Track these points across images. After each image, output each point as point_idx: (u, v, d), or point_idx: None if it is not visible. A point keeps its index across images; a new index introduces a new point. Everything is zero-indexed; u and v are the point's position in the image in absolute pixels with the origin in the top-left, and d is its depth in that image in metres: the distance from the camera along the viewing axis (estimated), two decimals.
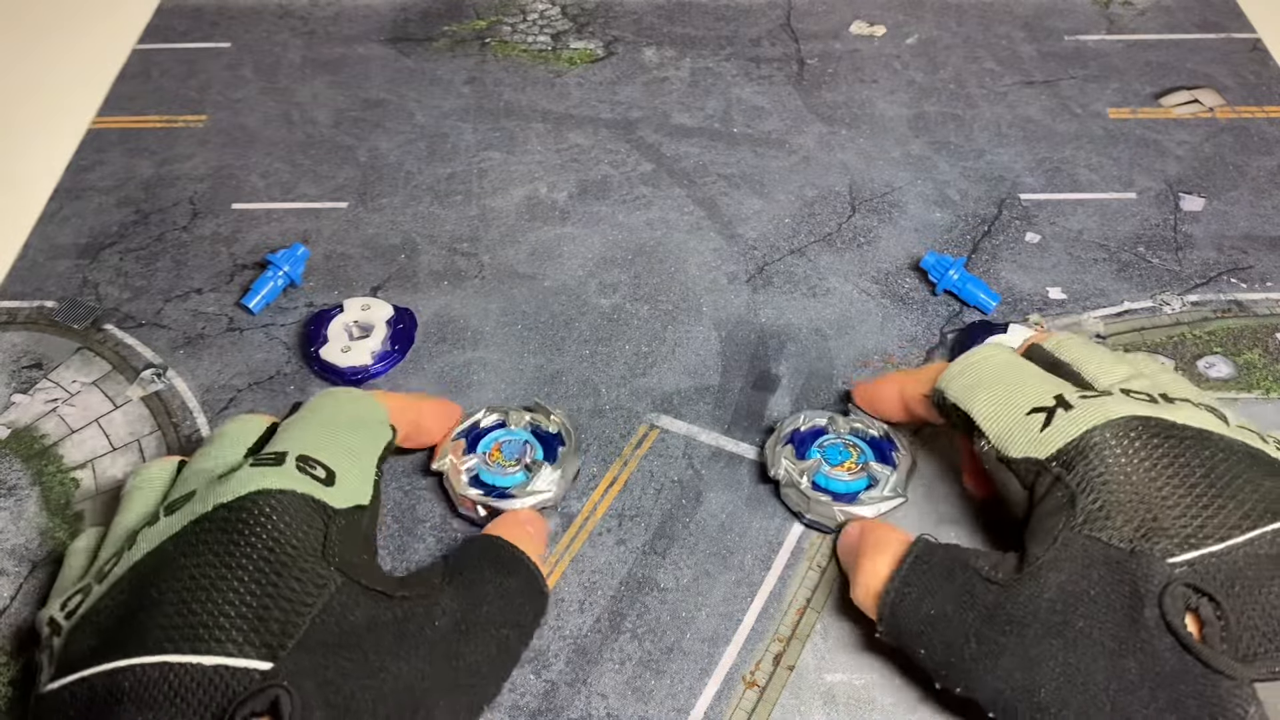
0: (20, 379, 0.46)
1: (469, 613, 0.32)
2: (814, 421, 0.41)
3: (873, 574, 0.33)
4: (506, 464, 0.40)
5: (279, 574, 0.29)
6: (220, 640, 0.27)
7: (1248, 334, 0.46)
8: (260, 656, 0.27)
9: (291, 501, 0.30)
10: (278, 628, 0.28)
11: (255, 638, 0.27)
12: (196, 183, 0.55)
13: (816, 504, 0.39)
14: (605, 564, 0.39)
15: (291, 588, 0.29)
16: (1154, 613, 0.28)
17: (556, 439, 0.41)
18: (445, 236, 0.52)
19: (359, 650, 0.28)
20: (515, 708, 0.35)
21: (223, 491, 0.31)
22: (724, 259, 0.50)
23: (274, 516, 0.30)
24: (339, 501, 0.32)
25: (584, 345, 0.47)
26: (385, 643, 0.29)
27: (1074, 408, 0.32)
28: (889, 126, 0.58)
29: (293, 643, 0.28)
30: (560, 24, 0.66)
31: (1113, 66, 0.61)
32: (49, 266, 0.51)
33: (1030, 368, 0.36)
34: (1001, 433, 0.33)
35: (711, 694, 0.35)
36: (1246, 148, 0.56)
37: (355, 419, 0.36)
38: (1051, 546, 0.30)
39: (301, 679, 0.27)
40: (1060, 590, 0.29)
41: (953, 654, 0.31)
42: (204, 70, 0.62)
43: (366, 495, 0.33)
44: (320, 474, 0.32)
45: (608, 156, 0.56)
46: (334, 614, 0.29)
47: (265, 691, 0.26)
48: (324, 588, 0.29)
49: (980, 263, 0.50)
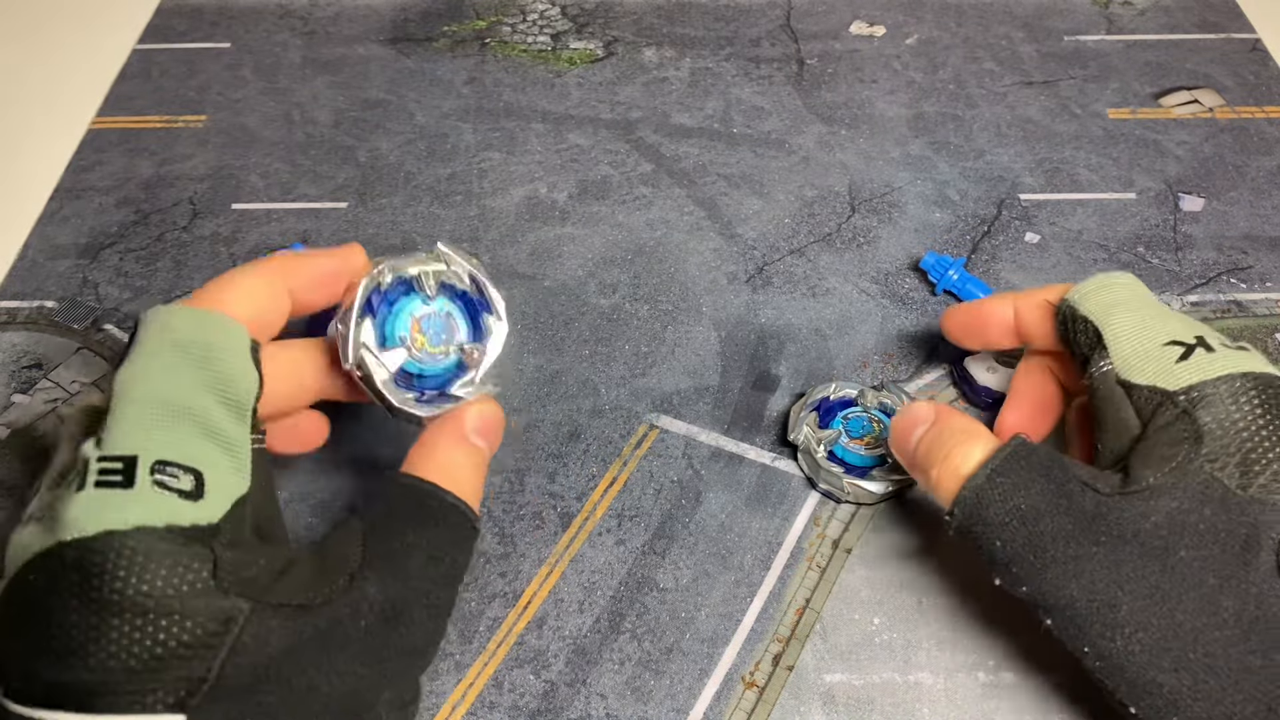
0: (20, 379, 0.46)
1: (395, 598, 0.28)
2: (845, 391, 0.42)
3: (965, 457, 0.32)
4: (436, 349, 0.33)
5: (166, 619, 0.25)
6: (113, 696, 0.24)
7: (1248, 334, 0.46)
8: (168, 709, 0.24)
9: (152, 543, 0.25)
10: (182, 678, 0.24)
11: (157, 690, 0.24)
12: (196, 183, 0.55)
13: (827, 474, 0.40)
14: (605, 564, 0.39)
15: (188, 631, 0.25)
16: (1269, 559, 0.28)
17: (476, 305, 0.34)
18: (445, 236, 0.52)
19: (281, 680, 0.25)
20: (515, 708, 0.35)
21: (65, 521, 0.25)
22: (724, 259, 0.50)
23: (136, 560, 0.25)
24: (216, 512, 0.27)
25: (584, 345, 0.47)
26: (310, 662, 0.26)
27: (1215, 351, 0.32)
28: (889, 126, 0.58)
29: (203, 691, 0.24)
30: (560, 24, 0.66)
31: (1112, 66, 0.61)
32: (49, 266, 0.51)
33: (1166, 308, 0.35)
34: (1132, 355, 0.32)
35: (711, 694, 0.35)
36: (1246, 148, 0.56)
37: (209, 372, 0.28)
38: (1168, 473, 0.30)
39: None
40: (1169, 516, 0.29)
41: (1034, 552, 0.30)
42: (204, 70, 0.62)
43: (245, 482, 0.28)
44: (185, 485, 0.26)
45: (608, 156, 0.56)
46: (247, 649, 0.25)
47: None
48: (229, 623, 0.25)
49: (980, 263, 0.50)
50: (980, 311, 0.39)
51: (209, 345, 0.29)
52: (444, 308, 0.33)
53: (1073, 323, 0.35)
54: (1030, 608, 0.31)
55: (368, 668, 0.27)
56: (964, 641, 0.37)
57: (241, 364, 0.29)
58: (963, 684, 0.36)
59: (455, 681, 0.36)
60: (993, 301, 0.38)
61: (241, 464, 0.28)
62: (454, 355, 0.33)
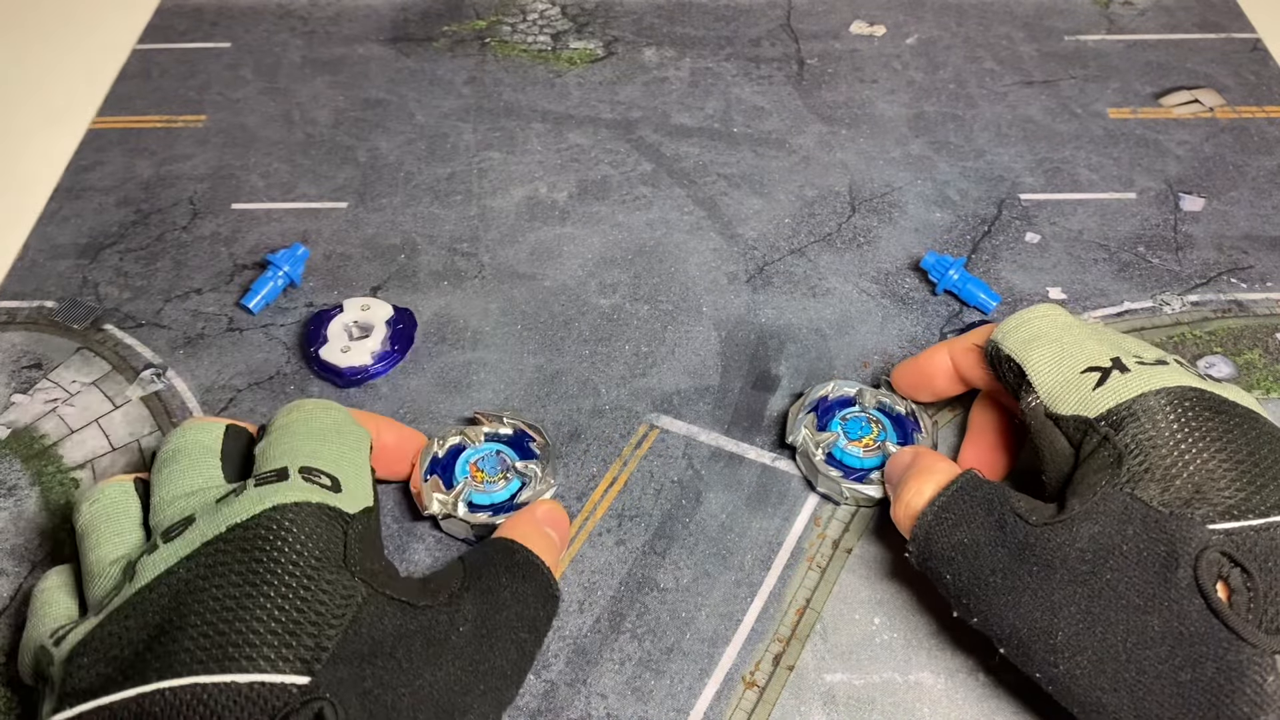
0: (20, 379, 0.46)
1: (488, 618, 0.32)
2: (843, 391, 0.42)
3: (916, 494, 0.34)
4: (494, 478, 0.40)
5: (306, 588, 0.28)
6: (253, 658, 0.27)
7: (1248, 334, 0.46)
8: (296, 671, 0.27)
9: (309, 513, 0.30)
10: (311, 641, 0.27)
11: (289, 653, 0.27)
12: (196, 183, 0.55)
13: (825, 478, 0.40)
14: (605, 564, 0.39)
15: (321, 601, 0.28)
16: (1187, 574, 0.28)
17: (519, 438, 0.41)
18: (445, 236, 0.52)
19: (393, 659, 0.28)
20: (515, 708, 0.35)
21: (234, 511, 0.30)
22: (724, 259, 0.50)
23: (294, 529, 0.29)
24: (350, 507, 0.31)
25: (584, 345, 0.47)
26: (415, 651, 0.29)
27: (1129, 371, 0.33)
28: (889, 126, 0.58)
29: (328, 655, 0.27)
30: (560, 24, 0.66)
31: (1113, 66, 0.61)
32: (49, 266, 0.51)
33: (1088, 328, 0.36)
34: (1054, 388, 0.34)
35: (711, 694, 0.35)
36: (1246, 148, 0.56)
37: (335, 426, 0.35)
38: (1090, 500, 0.31)
39: (342, 691, 0.27)
40: (1092, 541, 0.30)
41: (977, 584, 0.31)
42: (204, 70, 0.62)
43: (371, 497, 0.33)
44: (326, 482, 0.32)
45: (608, 156, 0.56)
46: (364, 625, 0.28)
47: (308, 705, 0.26)
48: (351, 598, 0.29)
49: (980, 263, 0.50)
50: (922, 365, 0.40)
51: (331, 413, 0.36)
52: (493, 448, 0.41)
53: (998, 363, 0.36)
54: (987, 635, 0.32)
55: (464, 671, 0.30)
56: (964, 641, 0.36)
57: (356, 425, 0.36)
58: (963, 684, 0.36)
59: None
60: (931, 354, 0.40)
61: (367, 483, 0.34)
62: (513, 480, 0.40)
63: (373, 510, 0.33)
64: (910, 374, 0.41)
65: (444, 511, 0.39)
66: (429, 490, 0.39)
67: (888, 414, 0.41)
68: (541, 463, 0.40)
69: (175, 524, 0.31)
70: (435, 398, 0.45)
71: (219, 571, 0.28)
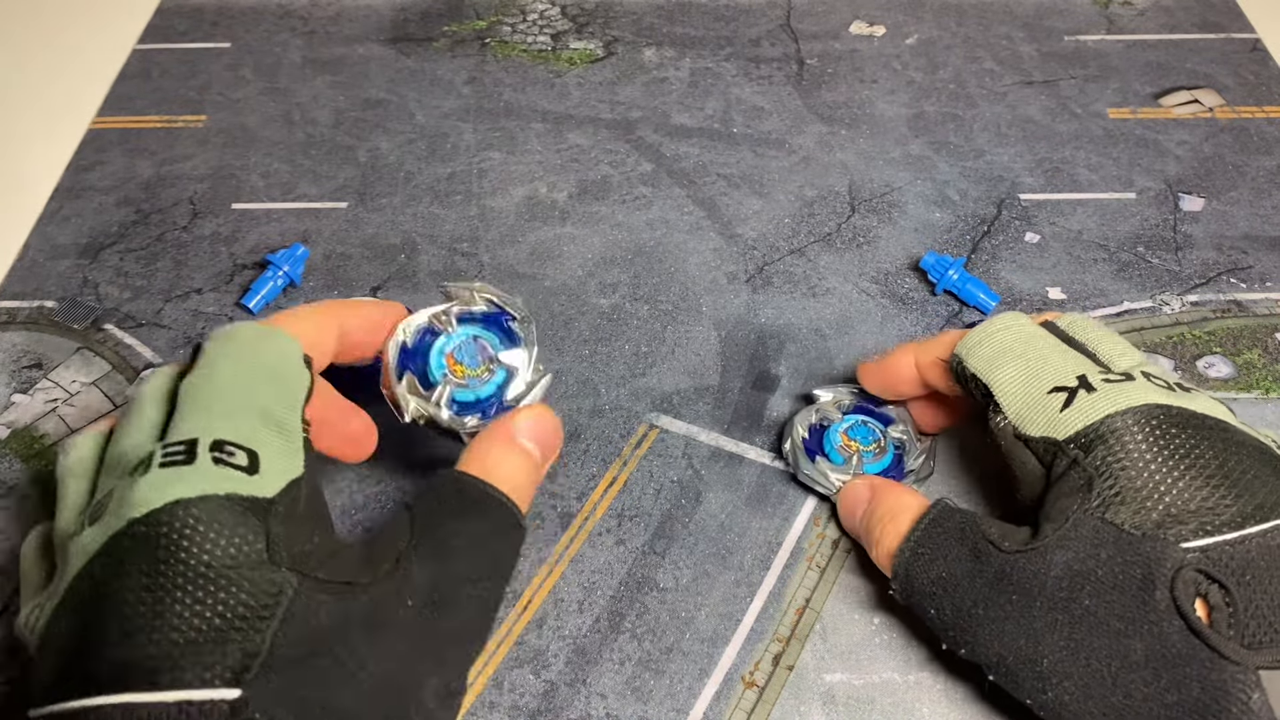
0: (20, 379, 0.46)
1: (441, 579, 0.30)
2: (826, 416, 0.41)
3: (891, 534, 0.34)
4: (476, 372, 0.35)
5: (225, 589, 0.26)
6: (176, 671, 0.25)
7: (1247, 334, 0.46)
8: (225, 683, 0.25)
9: (215, 510, 0.27)
10: (237, 650, 0.25)
11: (215, 663, 0.25)
12: (196, 183, 0.55)
13: None
14: (605, 564, 0.39)
15: (244, 603, 0.26)
16: (1164, 595, 0.28)
17: (496, 317, 0.37)
18: (445, 236, 0.52)
19: (330, 655, 0.27)
20: (515, 708, 0.35)
21: (135, 501, 0.27)
22: (724, 259, 0.50)
23: (199, 529, 0.26)
24: (270, 488, 0.28)
25: (584, 345, 0.47)
26: (357, 639, 0.27)
27: (1096, 390, 0.32)
28: (889, 126, 0.58)
29: (258, 662, 0.25)
30: (560, 24, 0.66)
31: (1112, 66, 0.61)
32: (49, 266, 0.51)
33: (1051, 341, 0.35)
34: (1021, 410, 0.33)
35: (711, 694, 0.35)
36: (1246, 148, 0.56)
37: (265, 370, 0.31)
38: (1063, 526, 0.30)
39: (273, 704, 0.25)
40: (1067, 568, 0.30)
41: (960, 617, 0.31)
42: (204, 70, 0.62)
43: (299, 465, 0.30)
44: (241, 461, 0.28)
45: (608, 156, 0.56)
46: (296, 622, 0.26)
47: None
48: (279, 595, 0.26)
49: (980, 263, 0.50)
50: (887, 369, 0.39)
51: (266, 349, 0.32)
52: (469, 334, 0.36)
53: (964, 381, 0.35)
54: None
55: (414, 649, 0.28)
56: None
57: (295, 366, 0.32)
58: (963, 684, 0.36)
59: None
60: (896, 356, 0.39)
61: (294, 449, 0.30)
62: (498, 371, 0.35)
63: (300, 479, 0.29)
64: (876, 376, 0.40)
65: (424, 414, 0.34)
66: (405, 393, 0.34)
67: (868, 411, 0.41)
68: (527, 347, 0.36)
69: (100, 500, 0.29)
70: None
71: (126, 572, 0.26)
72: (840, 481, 0.39)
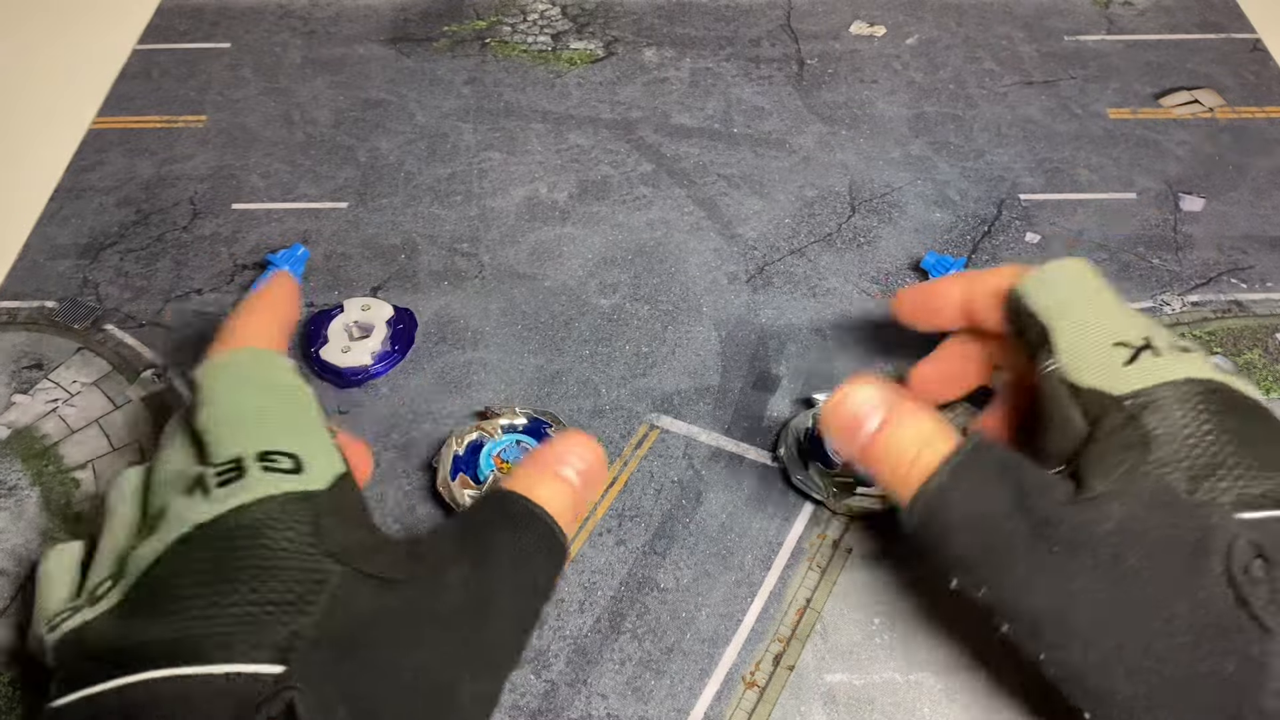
0: (20, 379, 0.46)
1: (482, 585, 0.30)
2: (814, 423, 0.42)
3: (919, 467, 0.31)
4: None
5: (274, 577, 0.28)
6: (226, 649, 0.27)
7: (1248, 334, 0.46)
8: (271, 660, 0.26)
9: (271, 507, 0.29)
10: (284, 630, 0.27)
11: (263, 643, 0.27)
12: (196, 183, 0.55)
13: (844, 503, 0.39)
14: (605, 564, 0.39)
15: (291, 589, 0.28)
16: (1218, 563, 0.28)
17: (535, 426, 0.42)
18: (445, 236, 0.52)
19: (370, 643, 0.28)
20: (515, 708, 0.35)
21: (198, 512, 0.29)
22: (724, 259, 0.50)
23: (257, 526, 0.29)
24: (318, 483, 0.30)
25: (584, 345, 0.47)
26: (399, 631, 0.28)
27: (1162, 355, 0.31)
28: (889, 126, 0.58)
29: (304, 643, 0.27)
30: (560, 24, 0.66)
31: (1113, 67, 0.61)
32: (49, 266, 0.51)
33: (1115, 298, 0.34)
34: (1078, 357, 0.32)
35: (711, 694, 0.35)
36: (1246, 148, 0.56)
37: (274, 389, 0.33)
38: (1117, 479, 0.30)
39: (317, 679, 0.26)
40: (1119, 525, 0.29)
41: (990, 558, 0.30)
42: (204, 70, 0.62)
43: (339, 460, 0.31)
44: (287, 465, 0.30)
45: (608, 156, 0.56)
46: (339, 609, 0.28)
47: (280, 695, 0.26)
48: (324, 583, 0.28)
49: (980, 263, 0.50)
50: (930, 293, 0.38)
51: (266, 370, 0.33)
52: (512, 439, 0.41)
53: (1020, 317, 0.34)
54: (986, 613, 0.31)
55: (452, 650, 0.29)
56: (964, 641, 0.37)
57: (295, 380, 0.34)
58: (963, 684, 0.36)
59: None
60: (946, 285, 0.37)
61: (330, 449, 0.32)
62: None
63: (347, 474, 0.31)
64: (914, 302, 0.38)
65: None
66: (459, 488, 0.39)
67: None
68: None
69: (154, 514, 0.31)
70: (435, 398, 0.45)
71: (189, 569, 0.28)
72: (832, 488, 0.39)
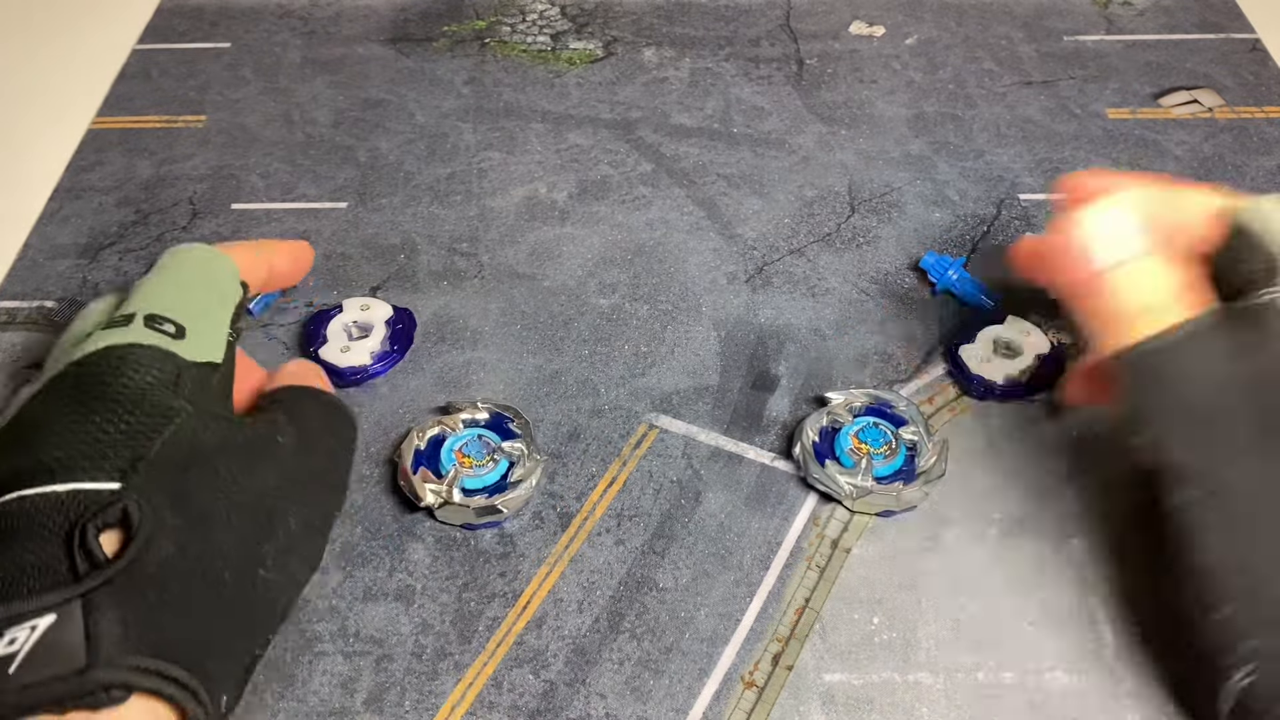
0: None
1: (302, 431, 0.34)
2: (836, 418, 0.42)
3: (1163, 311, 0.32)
4: (482, 461, 0.40)
5: (129, 410, 0.30)
6: (71, 469, 0.29)
7: None
8: (110, 479, 0.29)
9: (140, 352, 0.32)
10: (128, 453, 0.29)
11: (106, 464, 0.29)
12: (196, 183, 0.55)
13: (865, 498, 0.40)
14: (604, 564, 0.39)
15: (141, 421, 0.30)
16: None
17: (498, 420, 0.42)
18: (445, 236, 0.52)
19: (210, 467, 0.31)
20: (514, 707, 0.35)
21: (74, 352, 0.32)
22: (723, 259, 0.50)
23: (121, 364, 0.31)
24: (190, 355, 0.33)
25: (583, 345, 0.47)
26: (237, 460, 0.31)
27: None
28: (888, 127, 0.58)
29: (143, 465, 0.29)
30: (560, 24, 0.66)
31: (1112, 67, 0.61)
32: (49, 266, 0.51)
33: None
34: None
35: (710, 694, 0.35)
36: (1246, 148, 0.56)
37: (205, 278, 0.36)
38: None
39: (151, 492, 0.29)
40: None
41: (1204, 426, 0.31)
42: (204, 70, 0.63)
43: (219, 353, 0.34)
44: (170, 330, 0.33)
45: (607, 156, 0.56)
46: (184, 437, 0.30)
47: (115, 505, 0.28)
48: (174, 417, 0.31)
49: (980, 263, 0.50)
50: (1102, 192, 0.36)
51: (208, 264, 0.37)
52: (474, 433, 0.41)
53: (1246, 248, 0.33)
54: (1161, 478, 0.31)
55: (282, 480, 0.32)
56: (964, 641, 0.37)
57: (230, 282, 0.37)
58: (962, 684, 0.36)
59: (455, 681, 0.36)
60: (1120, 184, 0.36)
61: (218, 341, 0.35)
62: (501, 460, 0.41)
63: (219, 366, 0.34)
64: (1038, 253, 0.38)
65: (439, 500, 0.39)
66: (420, 482, 0.40)
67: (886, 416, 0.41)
68: (526, 441, 0.41)
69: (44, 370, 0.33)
70: (435, 398, 0.45)
71: (51, 402, 0.31)
72: (850, 486, 0.39)
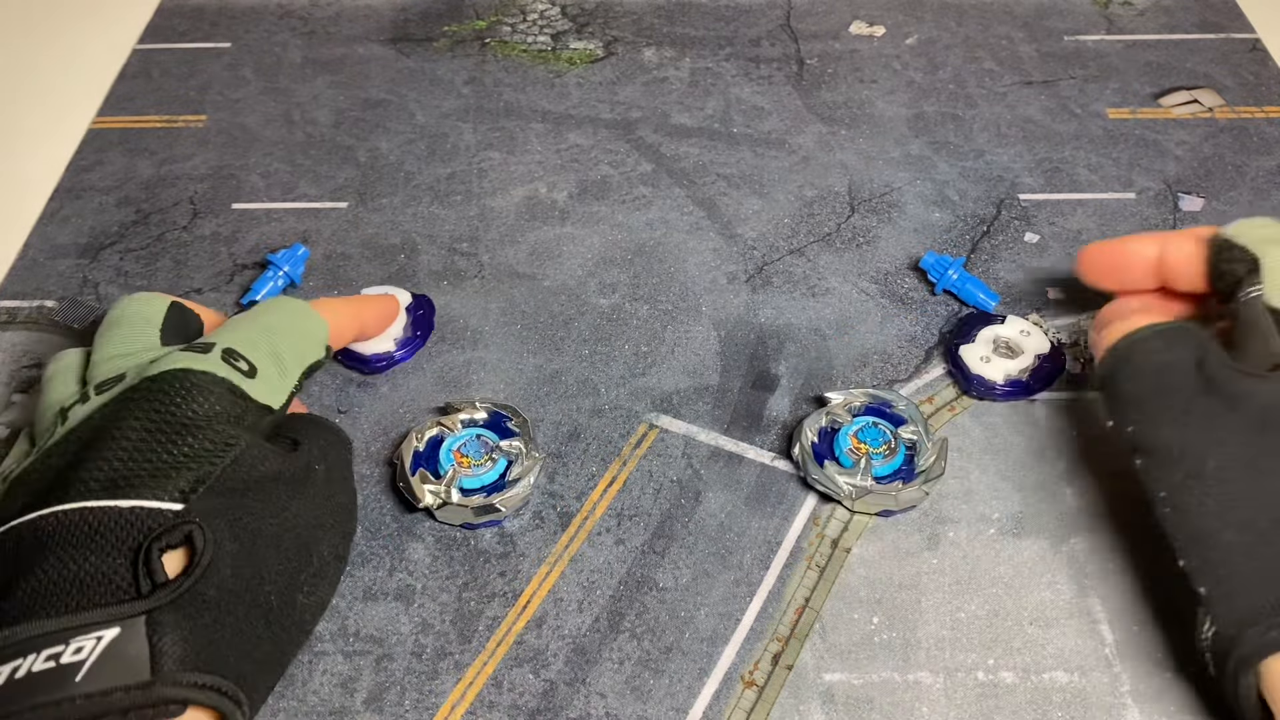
0: (20, 379, 0.46)
1: (329, 466, 0.36)
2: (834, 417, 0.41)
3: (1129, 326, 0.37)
4: (480, 461, 0.40)
5: (194, 435, 0.31)
6: (136, 488, 0.30)
7: None
8: (174, 500, 0.30)
9: (212, 381, 0.33)
10: (191, 477, 0.31)
11: (169, 484, 0.30)
12: (196, 183, 0.55)
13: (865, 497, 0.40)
14: (604, 564, 0.39)
15: (204, 446, 0.31)
16: None
17: (496, 419, 0.42)
18: (445, 236, 0.52)
19: (264, 495, 0.32)
20: (514, 707, 0.35)
21: (152, 368, 0.33)
22: (723, 259, 0.50)
23: (194, 389, 0.32)
24: (256, 394, 0.34)
25: (583, 345, 0.47)
26: (285, 491, 0.33)
27: None
28: (888, 126, 0.58)
29: (204, 489, 0.31)
30: (560, 24, 0.66)
31: (1112, 67, 0.61)
32: (49, 266, 0.51)
33: None
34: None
35: (710, 693, 0.35)
36: (1246, 148, 0.56)
37: (291, 330, 0.37)
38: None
39: (212, 517, 0.30)
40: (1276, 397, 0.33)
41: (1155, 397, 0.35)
42: (204, 70, 0.63)
43: (278, 401, 0.35)
44: (243, 367, 0.34)
45: (607, 156, 0.56)
46: (243, 466, 0.32)
47: (179, 527, 0.29)
48: (234, 446, 0.32)
49: (979, 263, 0.50)
50: (1122, 251, 0.40)
51: (300, 319, 0.38)
52: (472, 433, 0.41)
53: (1226, 252, 0.37)
54: (1128, 448, 0.35)
55: (319, 511, 0.34)
56: (963, 641, 0.37)
57: (316, 341, 0.38)
58: (962, 683, 0.36)
59: (455, 681, 0.36)
60: (1136, 242, 0.40)
61: (285, 388, 0.36)
62: (499, 459, 0.41)
63: (274, 413, 0.35)
64: (1106, 258, 0.41)
65: (438, 501, 0.39)
66: (418, 484, 0.40)
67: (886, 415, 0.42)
68: (524, 439, 0.41)
69: (108, 379, 0.34)
70: (435, 397, 0.45)
71: (123, 416, 0.32)
72: (849, 486, 0.39)
